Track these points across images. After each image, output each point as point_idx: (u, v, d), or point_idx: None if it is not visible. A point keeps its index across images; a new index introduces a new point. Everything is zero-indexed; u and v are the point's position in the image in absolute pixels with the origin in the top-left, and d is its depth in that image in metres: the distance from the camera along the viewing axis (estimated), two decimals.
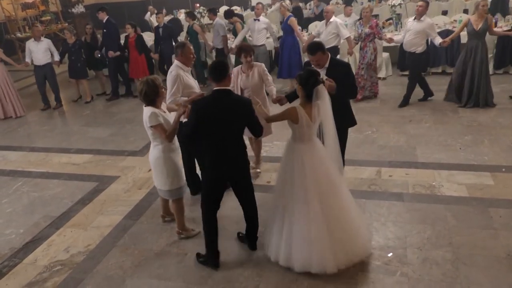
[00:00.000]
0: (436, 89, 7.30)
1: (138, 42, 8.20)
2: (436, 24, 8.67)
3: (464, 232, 3.71)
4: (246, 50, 4.59)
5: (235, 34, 8.22)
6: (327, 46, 7.04)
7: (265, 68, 4.72)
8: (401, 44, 7.95)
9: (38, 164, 5.97)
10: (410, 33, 6.39)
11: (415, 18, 6.40)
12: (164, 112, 3.69)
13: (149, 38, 9.33)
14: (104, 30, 8.39)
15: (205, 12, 11.44)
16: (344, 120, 4.04)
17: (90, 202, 4.81)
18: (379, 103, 7.00)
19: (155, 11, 12.05)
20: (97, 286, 3.50)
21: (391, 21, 9.16)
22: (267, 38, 8.10)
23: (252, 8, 13.51)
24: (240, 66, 4.74)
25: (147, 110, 3.58)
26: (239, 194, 3.59)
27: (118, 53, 8.28)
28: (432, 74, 8.13)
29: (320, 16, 10.81)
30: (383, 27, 8.89)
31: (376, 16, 11.38)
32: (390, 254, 3.53)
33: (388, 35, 7.52)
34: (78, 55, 8.37)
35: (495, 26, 7.68)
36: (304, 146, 3.35)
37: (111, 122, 7.42)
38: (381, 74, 8.21)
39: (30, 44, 8.00)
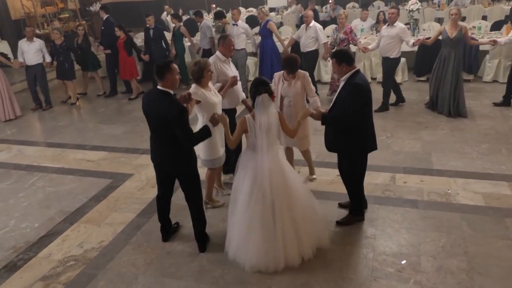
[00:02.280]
0: None
1: (127, 44, 8.33)
2: None
3: (480, 241, 3.66)
4: (288, 67, 4.32)
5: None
6: (306, 50, 7.27)
7: (309, 78, 4.48)
8: (418, 49, 7.97)
9: (54, 160, 6.05)
10: (384, 39, 6.57)
11: (388, 25, 6.59)
12: (210, 91, 4.06)
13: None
14: (102, 28, 8.58)
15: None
16: (348, 145, 3.76)
17: (104, 198, 4.85)
18: (394, 108, 6.94)
19: (172, 11, 12.13)
20: (110, 282, 3.53)
21: (408, 26, 9.07)
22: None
23: (269, 10, 13.54)
24: (282, 71, 4.49)
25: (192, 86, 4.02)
26: (183, 191, 3.76)
27: (108, 50, 8.48)
28: None
29: (336, 19, 10.78)
30: None
31: None
32: (403, 262, 3.50)
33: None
34: (66, 56, 8.32)
35: None
36: (255, 155, 3.39)
37: (126, 119, 7.49)
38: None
39: (22, 44, 8.03)
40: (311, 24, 7.16)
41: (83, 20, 15.13)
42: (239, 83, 4.66)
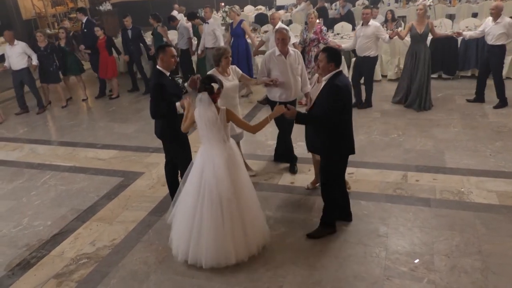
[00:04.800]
0: (466, 93, 7.17)
1: (107, 44, 8.40)
2: (466, 27, 8.50)
3: (494, 240, 3.61)
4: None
5: (197, 35, 8.52)
6: None
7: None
8: (429, 46, 7.88)
9: (66, 158, 6.10)
10: (361, 39, 6.64)
11: (362, 24, 6.65)
12: (228, 76, 4.47)
13: (174, 36, 9.42)
14: (85, 30, 8.62)
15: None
16: (324, 146, 3.68)
17: (116, 197, 4.88)
18: (406, 108, 6.87)
19: (184, 10, 12.14)
20: (122, 280, 3.55)
21: None
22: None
23: (278, 8, 13.51)
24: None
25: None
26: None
27: (88, 50, 8.51)
28: (461, 77, 7.94)
29: (345, 17, 10.72)
30: None
31: (403, 17, 11.22)
32: (416, 261, 3.46)
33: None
34: (50, 59, 8.09)
35: None
36: (203, 147, 3.54)
37: (136, 118, 7.52)
38: None
39: (6, 49, 7.85)
40: (278, 26, 6.97)
41: (93, 19, 15.22)
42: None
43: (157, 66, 4.04)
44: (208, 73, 4.18)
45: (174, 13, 13.03)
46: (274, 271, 3.48)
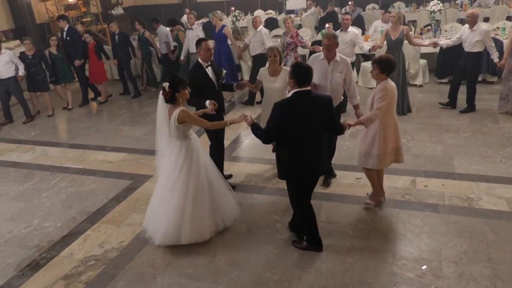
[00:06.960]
0: (476, 98, 7.07)
1: (97, 49, 8.53)
2: None
3: (504, 248, 3.57)
4: (383, 66, 4.02)
5: (178, 41, 8.62)
6: (254, 53, 7.53)
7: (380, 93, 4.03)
8: (439, 51, 7.85)
9: (76, 161, 6.17)
10: (339, 44, 6.59)
11: (341, 30, 6.71)
12: (275, 76, 4.82)
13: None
14: (67, 38, 8.60)
15: (240, 15, 11.55)
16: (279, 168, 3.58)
17: (124, 199, 4.92)
18: (414, 111, 6.84)
19: (195, 13, 12.23)
20: (129, 282, 3.58)
21: (429, 27, 8.94)
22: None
23: (287, 12, 13.53)
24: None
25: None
26: None
27: (82, 61, 8.55)
28: None
29: (355, 21, 10.66)
30: (421, 33, 8.71)
31: (414, 22, 11.17)
32: (424, 267, 3.44)
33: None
34: (38, 67, 7.94)
35: None
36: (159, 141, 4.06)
37: (146, 122, 7.58)
38: (418, 81, 8.04)
39: None
40: (258, 29, 7.45)
41: (105, 23, 15.41)
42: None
43: (198, 59, 4.58)
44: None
45: (184, 17, 13.17)
46: (280, 276, 3.48)
